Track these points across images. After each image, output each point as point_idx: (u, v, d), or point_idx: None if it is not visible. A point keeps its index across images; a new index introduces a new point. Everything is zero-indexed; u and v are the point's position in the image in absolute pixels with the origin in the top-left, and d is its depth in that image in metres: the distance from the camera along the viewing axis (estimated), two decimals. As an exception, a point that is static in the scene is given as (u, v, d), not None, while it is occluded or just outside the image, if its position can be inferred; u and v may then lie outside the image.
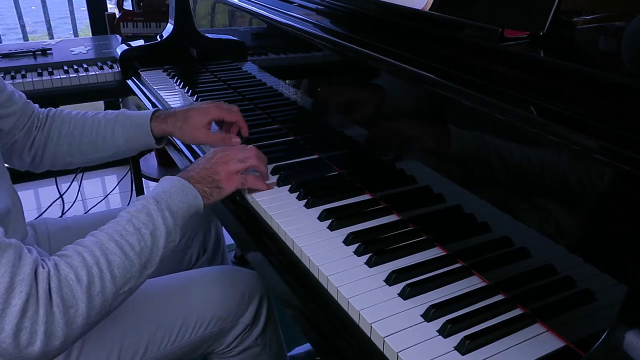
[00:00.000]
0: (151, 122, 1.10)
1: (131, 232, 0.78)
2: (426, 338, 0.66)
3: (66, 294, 0.69)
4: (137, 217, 0.80)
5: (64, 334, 0.68)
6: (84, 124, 1.10)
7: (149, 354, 0.91)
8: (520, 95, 0.66)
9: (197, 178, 0.90)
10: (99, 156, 1.12)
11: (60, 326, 0.68)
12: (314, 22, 1.06)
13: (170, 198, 0.84)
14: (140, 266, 0.78)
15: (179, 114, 1.10)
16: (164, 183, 0.88)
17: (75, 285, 0.70)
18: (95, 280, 0.72)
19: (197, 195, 0.88)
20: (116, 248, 0.75)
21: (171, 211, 0.83)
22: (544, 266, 0.67)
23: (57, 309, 0.68)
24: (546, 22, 0.68)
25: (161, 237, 0.81)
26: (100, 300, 0.72)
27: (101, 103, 2.43)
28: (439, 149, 0.82)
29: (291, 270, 0.82)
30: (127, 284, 0.76)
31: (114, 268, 0.74)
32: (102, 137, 1.09)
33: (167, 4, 1.88)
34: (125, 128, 1.09)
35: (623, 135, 0.55)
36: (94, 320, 0.73)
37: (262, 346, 1.05)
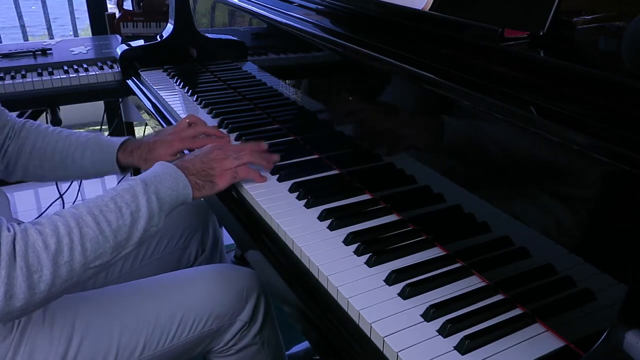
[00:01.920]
0: (118, 153, 1.11)
1: (112, 208, 0.79)
2: (426, 338, 0.66)
3: (31, 258, 0.70)
4: (121, 195, 0.81)
5: (25, 298, 0.70)
6: (57, 142, 1.11)
7: (147, 352, 0.91)
8: (520, 95, 0.66)
9: (192, 170, 0.92)
10: (67, 174, 1.14)
11: (22, 289, 0.69)
12: (314, 22, 1.06)
13: (160, 183, 0.86)
14: (114, 244, 0.78)
15: (144, 147, 1.11)
16: (157, 167, 0.90)
17: (42, 251, 0.71)
18: (64, 249, 0.73)
19: (188, 185, 0.89)
20: (92, 222, 0.76)
21: (158, 196, 0.84)
22: (544, 266, 0.67)
23: (19, 272, 0.69)
24: (546, 22, 0.68)
25: (142, 219, 0.81)
26: (67, 270, 0.73)
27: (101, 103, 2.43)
28: (438, 149, 0.82)
29: (291, 270, 0.82)
30: (97, 259, 0.77)
31: (86, 241, 0.75)
32: (71, 158, 1.11)
33: (167, 4, 1.88)
34: (94, 154, 1.11)
35: (623, 135, 0.55)
36: (58, 290, 0.74)
37: (260, 344, 1.05)
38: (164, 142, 1.11)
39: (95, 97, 2.02)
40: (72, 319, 0.87)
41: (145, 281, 0.97)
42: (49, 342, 0.84)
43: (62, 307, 0.87)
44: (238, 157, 0.98)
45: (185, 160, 0.95)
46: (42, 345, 0.84)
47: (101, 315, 0.89)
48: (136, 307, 0.92)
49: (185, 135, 1.12)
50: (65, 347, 0.85)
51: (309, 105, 1.12)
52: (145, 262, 1.15)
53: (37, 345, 0.84)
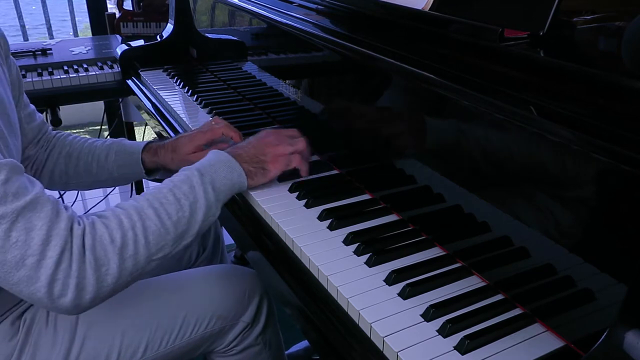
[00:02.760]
0: (143, 153, 1.11)
1: (171, 201, 0.80)
2: (426, 338, 0.66)
3: (99, 252, 0.72)
4: (179, 187, 0.82)
5: (94, 290, 0.72)
6: (82, 148, 1.12)
7: (149, 353, 0.91)
8: (520, 95, 0.66)
9: (244, 157, 0.92)
10: (93, 180, 1.13)
11: (91, 282, 0.72)
12: (314, 22, 1.06)
13: (215, 172, 0.86)
14: (175, 235, 0.80)
15: (167, 146, 1.11)
16: (211, 156, 0.90)
17: (109, 245, 0.73)
18: (129, 243, 0.75)
19: (242, 173, 0.90)
20: (154, 215, 0.78)
21: (214, 186, 0.85)
22: (544, 266, 0.67)
23: (89, 266, 0.71)
24: (546, 22, 0.67)
25: (200, 210, 0.82)
26: (132, 263, 0.75)
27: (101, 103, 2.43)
28: (438, 149, 0.82)
29: (291, 270, 0.82)
30: (160, 251, 0.79)
31: (149, 234, 0.77)
32: (96, 161, 1.11)
33: (167, 4, 1.88)
34: (119, 155, 1.11)
35: (623, 135, 0.55)
36: (125, 282, 0.76)
37: (262, 345, 1.05)
38: (186, 137, 1.11)
39: (95, 97, 2.02)
40: (75, 320, 0.87)
41: (147, 282, 0.97)
42: (52, 342, 0.85)
43: None
44: (292, 143, 0.96)
45: (238, 147, 0.94)
46: (45, 345, 0.85)
47: (104, 315, 0.89)
48: (139, 307, 0.92)
49: (207, 129, 1.12)
50: (67, 347, 0.85)
51: (309, 105, 1.12)
52: None
53: (40, 344, 0.84)
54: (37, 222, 0.69)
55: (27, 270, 0.68)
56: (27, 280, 0.69)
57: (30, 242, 0.68)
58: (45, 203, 0.71)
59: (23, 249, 0.68)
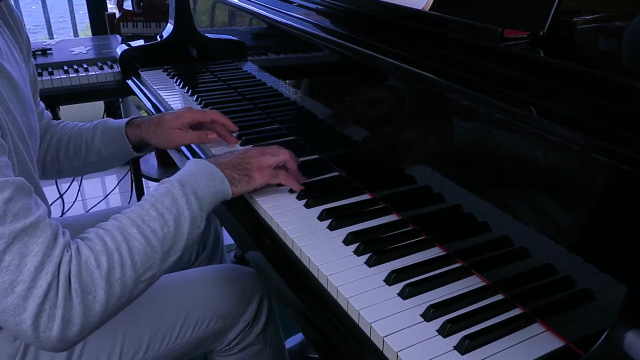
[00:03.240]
0: (126, 128, 1.11)
1: (154, 217, 0.76)
2: (426, 338, 0.66)
3: (85, 279, 0.68)
4: (160, 201, 0.78)
5: (81, 321, 0.68)
6: (71, 132, 1.13)
7: (150, 352, 0.91)
8: (520, 95, 0.66)
9: (227, 164, 0.89)
10: (84, 162, 1.13)
11: (78, 312, 0.67)
12: (314, 22, 1.06)
13: (196, 182, 0.83)
14: (162, 253, 0.76)
15: (152, 119, 1.10)
16: (190, 165, 0.86)
17: (95, 270, 0.69)
18: (116, 267, 0.71)
19: (225, 180, 0.86)
20: (138, 234, 0.74)
21: (196, 196, 0.81)
22: (544, 266, 0.67)
23: (75, 294, 0.67)
24: (546, 22, 0.67)
25: (185, 223, 0.79)
26: (120, 287, 0.71)
27: (101, 103, 2.43)
28: (438, 149, 0.82)
29: (291, 270, 0.82)
30: (148, 271, 0.75)
31: (135, 254, 0.73)
32: (84, 142, 1.11)
33: (167, 4, 1.88)
34: (104, 133, 1.11)
35: (623, 135, 0.55)
36: (113, 309, 0.72)
37: (262, 344, 1.06)
38: (172, 113, 1.09)
39: (95, 97, 2.02)
40: None
41: None
42: None
43: None
44: (275, 154, 0.94)
45: (220, 157, 0.92)
46: None
47: None
48: (140, 307, 0.92)
49: (195, 109, 1.09)
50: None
51: (309, 105, 1.12)
52: None
53: None
54: (34, 247, 0.66)
55: (15, 299, 0.64)
56: (13, 309, 0.64)
57: (23, 267, 0.64)
58: (45, 228, 0.68)
59: (14, 275, 0.64)
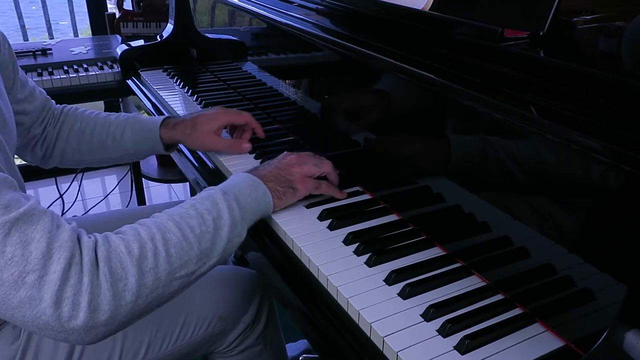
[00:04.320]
0: (160, 128, 1.08)
1: (192, 215, 0.74)
2: (426, 338, 0.66)
3: (115, 264, 0.65)
4: (201, 202, 0.77)
5: (111, 309, 0.64)
6: (95, 123, 1.09)
7: (150, 354, 0.91)
8: (520, 95, 0.66)
9: (269, 177, 0.86)
10: (106, 157, 1.11)
11: (107, 299, 0.63)
12: (314, 22, 1.06)
13: (239, 191, 0.81)
14: (199, 251, 0.73)
15: (187, 121, 1.08)
16: (233, 178, 0.85)
17: (126, 256, 0.66)
18: (148, 255, 0.68)
19: (267, 192, 0.84)
20: (175, 227, 0.72)
21: (239, 203, 0.79)
22: (544, 266, 0.67)
23: (103, 279, 0.63)
24: (546, 22, 0.68)
25: (225, 226, 0.76)
26: (153, 278, 0.67)
27: (101, 103, 2.43)
28: (438, 149, 0.82)
29: (291, 270, 0.82)
30: (183, 268, 0.71)
31: (170, 247, 0.70)
32: (111, 137, 1.08)
33: (167, 4, 1.88)
34: (135, 131, 1.08)
35: (623, 135, 0.55)
36: (144, 302, 0.68)
37: (263, 345, 1.05)
38: (207, 116, 1.07)
39: (95, 97, 2.02)
40: None
41: None
42: (54, 345, 0.85)
43: None
44: (318, 165, 0.91)
45: (260, 169, 0.89)
46: (47, 348, 0.84)
47: None
48: None
49: (230, 110, 1.07)
50: (69, 350, 0.85)
51: (309, 105, 1.12)
52: None
53: (42, 348, 0.84)
54: (35, 234, 0.62)
55: (29, 289, 0.60)
56: (29, 301, 0.60)
57: (28, 256, 0.61)
58: (42, 215, 0.64)
59: (21, 265, 0.60)
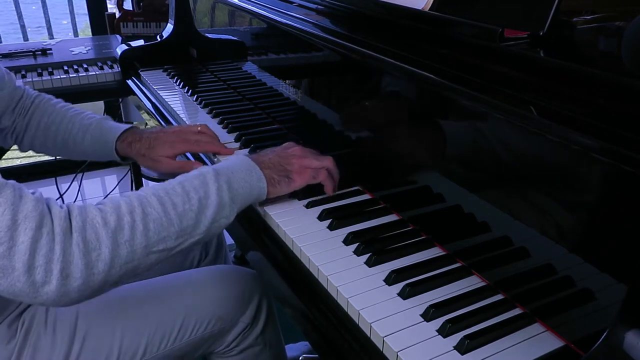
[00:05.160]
0: (117, 142, 1.07)
1: (178, 192, 0.75)
2: (425, 338, 0.66)
3: (89, 234, 0.66)
4: (190, 180, 0.77)
5: (83, 277, 0.65)
6: (61, 121, 1.09)
7: (149, 354, 0.91)
8: (520, 95, 0.66)
9: (267, 163, 0.86)
10: (69, 155, 1.12)
11: (80, 267, 0.65)
12: (314, 22, 1.06)
13: (232, 173, 0.81)
14: (179, 228, 0.73)
15: (144, 141, 1.06)
16: (231, 159, 0.85)
17: (101, 227, 0.67)
18: (125, 227, 0.69)
19: (262, 178, 0.84)
20: (157, 203, 0.72)
21: (230, 186, 0.79)
22: (544, 266, 0.67)
23: (76, 248, 0.65)
24: (546, 22, 0.67)
25: (211, 206, 0.76)
26: (127, 251, 0.68)
27: (101, 103, 2.43)
28: (438, 149, 0.82)
29: (291, 270, 0.82)
30: (160, 243, 0.72)
31: (149, 221, 0.71)
32: (72, 139, 1.09)
33: (167, 4, 1.88)
34: (94, 139, 1.08)
35: (623, 135, 0.55)
36: (119, 272, 0.69)
37: (262, 345, 1.05)
38: (165, 142, 1.06)
39: (95, 97, 2.02)
40: (74, 321, 0.87)
41: (147, 283, 0.97)
42: (51, 344, 0.84)
43: (64, 309, 0.87)
44: (320, 159, 0.91)
45: (261, 154, 0.89)
46: (44, 347, 0.84)
47: (103, 317, 0.89)
48: (138, 309, 0.92)
49: (190, 138, 1.06)
50: (67, 349, 0.85)
51: (309, 105, 1.12)
52: None
53: (39, 347, 0.84)
54: None
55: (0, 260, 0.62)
56: (1, 270, 0.62)
57: None
58: (3, 187, 0.64)
59: None
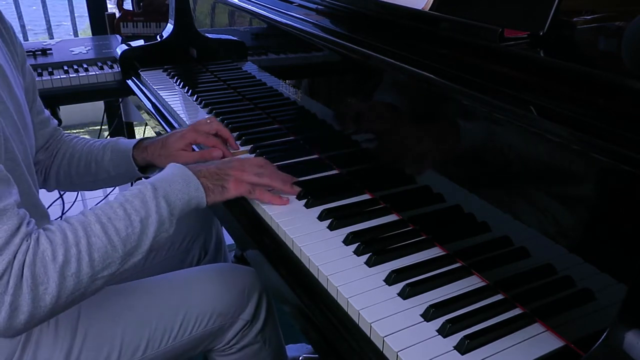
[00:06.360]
0: (133, 150, 1.11)
1: (121, 216, 0.77)
2: (425, 338, 0.66)
3: (38, 269, 0.69)
4: (130, 201, 0.79)
5: (29, 310, 0.68)
6: (82, 148, 1.13)
7: (149, 351, 0.91)
8: (520, 95, 0.66)
9: (204, 172, 0.89)
10: (94, 179, 1.14)
11: (27, 301, 0.68)
12: (314, 22, 1.06)
13: (170, 186, 0.83)
14: (123, 253, 0.76)
15: (157, 142, 1.11)
16: (168, 170, 0.87)
17: (50, 262, 0.70)
18: (72, 261, 0.71)
19: (200, 187, 0.86)
20: (100, 231, 0.75)
21: (168, 200, 0.82)
22: (544, 266, 0.67)
23: (25, 283, 0.68)
24: (546, 22, 0.68)
25: (152, 225, 0.79)
26: (74, 282, 0.72)
27: (101, 103, 2.43)
28: (438, 149, 0.82)
29: (291, 270, 0.82)
30: (106, 269, 0.75)
31: (94, 251, 0.73)
32: (94, 160, 1.12)
33: (167, 4, 1.88)
34: (114, 153, 1.11)
35: (623, 135, 0.55)
36: (65, 302, 0.72)
37: (261, 343, 1.05)
38: (176, 134, 1.10)
39: (95, 97, 2.02)
40: (76, 317, 0.87)
41: (147, 280, 0.98)
42: (53, 341, 0.85)
43: None
44: (258, 175, 0.93)
45: (200, 165, 0.92)
46: (47, 343, 0.85)
47: (104, 314, 0.89)
48: (139, 306, 0.92)
49: (200, 129, 1.10)
50: (69, 345, 0.85)
51: (309, 105, 1.12)
52: (147, 266, 1.15)
53: (42, 343, 0.84)
54: None
55: None
56: None
57: None
58: (12, 217, 0.69)
59: None
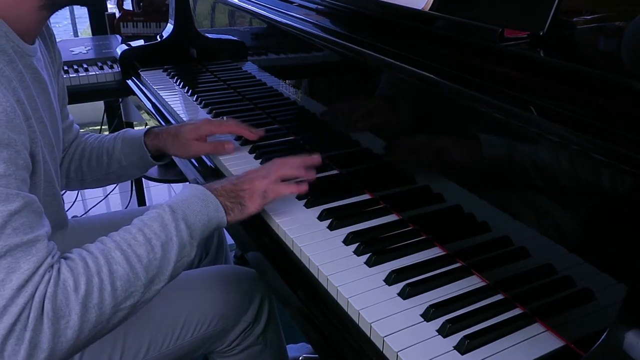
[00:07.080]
0: (145, 137, 1.11)
1: (141, 242, 0.73)
2: (425, 338, 0.66)
3: (60, 301, 0.65)
4: (149, 225, 0.75)
5: (50, 347, 0.63)
6: (93, 143, 1.14)
7: (151, 353, 0.91)
8: (520, 95, 0.66)
9: (220, 190, 0.85)
10: (105, 172, 1.14)
11: (47, 337, 0.63)
12: (314, 22, 1.06)
13: (188, 208, 0.79)
14: (146, 280, 0.72)
15: (170, 129, 1.11)
16: (185, 191, 0.84)
17: (72, 293, 0.66)
18: (94, 291, 0.67)
19: (219, 207, 0.82)
20: (122, 258, 0.71)
21: (187, 222, 0.78)
22: (544, 266, 0.67)
23: (45, 317, 0.63)
24: (546, 22, 0.68)
25: (173, 250, 0.75)
26: (96, 314, 0.67)
27: (101, 103, 2.43)
28: (438, 149, 0.82)
29: (291, 270, 0.82)
30: (128, 299, 0.71)
31: (116, 279, 0.69)
32: (106, 153, 1.12)
33: (167, 4, 1.88)
34: (125, 143, 1.12)
35: (623, 135, 0.55)
36: (87, 336, 0.68)
37: (263, 344, 1.06)
38: (191, 125, 1.10)
39: (95, 97, 2.02)
40: None
41: None
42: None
43: None
44: (265, 175, 0.89)
45: (215, 182, 0.88)
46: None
47: None
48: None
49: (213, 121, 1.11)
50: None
51: (309, 106, 1.12)
52: None
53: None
54: (24, 265, 0.63)
55: None
56: None
57: (6, 284, 0.62)
58: (41, 249, 0.66)
59: None
